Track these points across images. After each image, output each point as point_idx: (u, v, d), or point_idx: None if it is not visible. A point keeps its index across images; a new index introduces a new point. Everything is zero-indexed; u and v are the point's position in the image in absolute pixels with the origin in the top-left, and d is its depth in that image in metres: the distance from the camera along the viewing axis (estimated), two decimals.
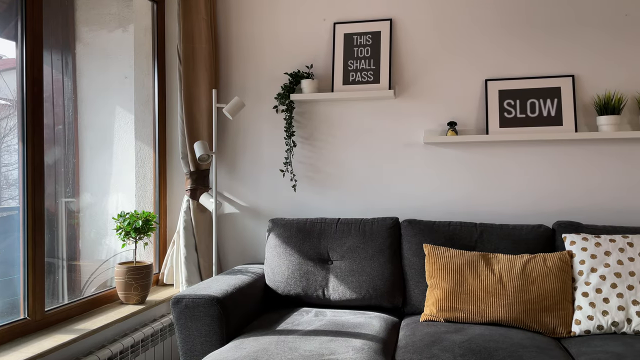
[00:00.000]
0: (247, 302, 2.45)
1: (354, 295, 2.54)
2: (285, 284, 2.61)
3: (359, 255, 2.57)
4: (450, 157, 2.87)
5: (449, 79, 2.88)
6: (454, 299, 2.33)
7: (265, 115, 3.09)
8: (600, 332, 2.18)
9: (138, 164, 2.99)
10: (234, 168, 3.13)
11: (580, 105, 2.74)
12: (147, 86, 3.06)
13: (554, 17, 2.76)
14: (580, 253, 2.32)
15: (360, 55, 2.93)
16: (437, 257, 2.43)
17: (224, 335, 2.21)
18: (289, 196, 3.06)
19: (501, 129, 2.76)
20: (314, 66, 3.03)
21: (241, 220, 3.12)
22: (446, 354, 1.96)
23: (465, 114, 2.85)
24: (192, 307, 2.21)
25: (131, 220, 2.56)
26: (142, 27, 3.03)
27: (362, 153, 2.97)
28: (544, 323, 2.24)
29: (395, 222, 2.66)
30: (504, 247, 2.50)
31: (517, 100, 2.77)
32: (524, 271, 2.31)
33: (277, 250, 2.67)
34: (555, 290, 2.26)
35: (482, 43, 2.84)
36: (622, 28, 2.70)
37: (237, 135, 3.13)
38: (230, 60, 3.14)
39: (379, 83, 2.88)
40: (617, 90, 2.70)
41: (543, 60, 2.78)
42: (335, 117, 3.01)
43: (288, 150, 3.01)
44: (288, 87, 2.95)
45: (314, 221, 2.72)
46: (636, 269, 2.21)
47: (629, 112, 2.68)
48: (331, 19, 3.01)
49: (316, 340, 2.08)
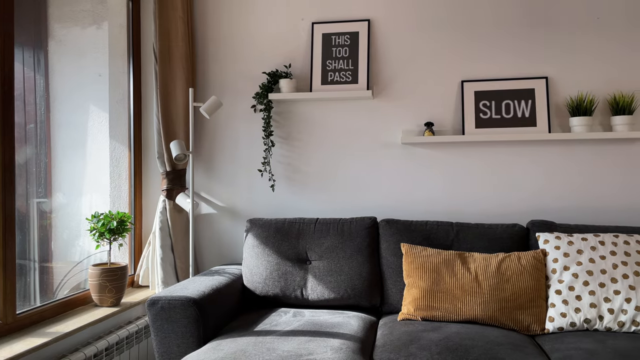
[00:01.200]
0: (225, 303, 2.43)
1: (333, 295, 2.54)
2: (264, 285, 2.60)
3: (338, 255, 2.58)
4: (427, 157, 2.90)
5: (426, 79, 2.90)
6: (431, 297, 2.35)
7: (243, 115, 3.07)
8: (573, 329, 2.22)
9: (113, 164, 2.94)
10: (211, 168, 3.10)
11: (554, 106, 2.79)
12: (122, 84, 3.01)
13: (529, 20, 2.81)
14: (554, 252, 2.37)
15: (339, 55, 2.93)
16: (414, 256, 2.45)
17: (201, 337, 2.18)
18: (267, 196, 3.04)
19: (477, 130, 2.80)
20: (293, 66, 3.02)
21: (218, 220, 3.09)
22: (423, 352, 1.98)
23: (442, 114, 2.88)
24: (169, 308, 2.18)
25: (105, 221, 2.52)
26: (116, 25, 2.97)
27: (341, 153, 2.98)
28: (518, 321, 2.28)
29: (373, 222, 2.67)
30: (479, 246, 2.53)
31: (493, 101, 2.81)
32: (499, 270, 2.34)
33: (255, 251, 2.66)
34: (530, 288, 2.30)
35: (458, 45, 2.87)
36: (594, 31, 2.76)
37: (214, 135, 3.10)
38: (207, 59, 3.11)
39: (357, 83, 2.89)
40: (589, 92, 2.76)
41: (518, 62, 2.82)
42: (313, 117, 3.01)
43: (266, 150, 2.99)
44: (266, 86, 2.94)
45: (293, 221, 2.71)
46: (607, 267, 2.26)
47: (601, 113, 2.75)
48: (309, 19, 3.01)
49: (294, 340, 2.08)
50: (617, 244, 2.32)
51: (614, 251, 2.29)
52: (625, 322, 2.16)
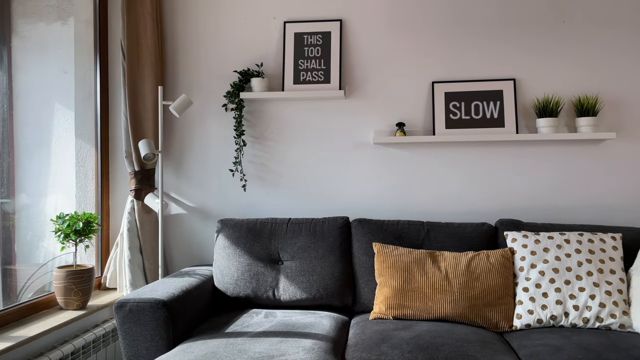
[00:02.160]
0: (195, 305, 2.40)
1: (305, 295, 2.54)
2: (235, 286, 2.58)
3: (310, 255, 2.57)
4: (399, 157, 2.92)
5: (397, 80, 2.92)
6: (402, 296, 2.37)
7: (213, 114, 3.03)
8: (540, 325, 2.27)
9: (78, 163, 2.87)
10: (181, 167, 3.06)
11: (521, 108, 2.85)
12: (88, 82, 2.94)
13: (498, 22, 2.86)
14: (521, 250, 2.42)
15: (311, 55, 2.93)
16: (386, 255, 2.46)
17: (170, 340, 2.15)
18: (238, 196, 3.02)
19: (447, 130, 2.83)
20: (265, 65, 3.00)
21: (189, 221, 3.05)
22: (395, 351, 1.99)
23: (413, 115, 2.91)
24: (137, 311, 2.14)
25: (71, 222, 2.45)
26: (83, 20, 2.90)
27: (313, 153, 2.98)
28: (487, 318, 2.31)
29: (345, 222, 2.67)
30: (449, 245, 2.56)
31: (462, 102, 2.85)
32: (468, 268, 2.37)
33: (226, 252, 2.63)
34: (498, 286, 2.34)
35: (429, 46, 2.91)
36: (560, 34, 2.83)
37: (184, 134, 3.06)
38: (177, 57, 3.06)
39: (330, 83, 2.89)
40: (555, 93, 2.83)
41: (487, 64, 2.87)
42: (286, 116, 2.99)
43: (238, 150, 2.97)
44: (238, 85, 2.91)
45: (265, 221, 2.69)
46: (572, 265, 2.32)
47: (566, 114, 2.82)
48: (281, 18, 3.00)
49: (266, 341, 2.06)
50: (581, 242, 2.38)
51: (579, 249, 2.36)
52: (589, 318, 2.22)
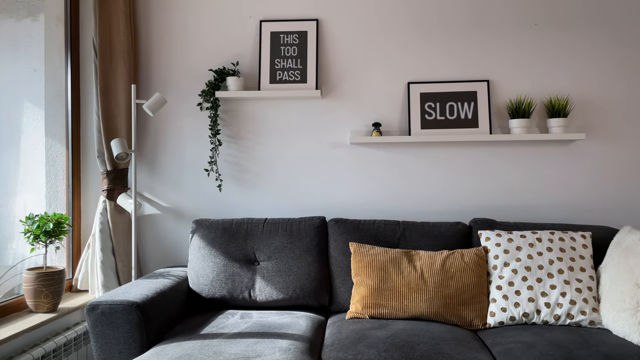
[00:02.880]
0: (170, 307, 2.37)
1: (281, 296, 2.53)
2: (210, 287, 2.55)
3: (286, 255, 2.56)
4: (375, 157, 2.93)
5: (374, 80, 2.94)
6: (379, 295, 2.38)
7: (188, 113, 3.00)
8: (512, 323, 2.31)
9: (49, 163, 2.80)
10: (154, 167, 3.01)
11: (495, 108, 2.89)
12: (59, 80, 2.87)
13: (472, 25, 2.90)
14: (495, 248, 2.45)
15: (287, 54, 2.92)
16: (362, 255, 2.47)
17: (144, 342, 2.11)
18: (214, 196, 2.99)
19: (422, 131, 2.86)
20: (240, 64, 2.98)
21: (163, 221, 3.01)
22: (371, 350, 2.00)
23: (389, 115, 2.93)
24: (109, 313, 2.10)
25: (41, 223, 2.39)
26: (53, 17, 2.83)
27: (290, 153, 2.97)
28: (462, 316, 2.34)
29: (322, 222, 2.67)
30: (425, 244, 2.58)
31: (437, 103, 2.87)
32: (443, 267, 2.40)
33: (201, 252, 2.60)
34: (472, 284, 2.37)
35: (405, 47, 2.93)
36: (532, 37, 2.88)
37: (158, 133, 3.01)
38: (151, 55, 3.01)
39: (306, 83, 2.89)
40: (527, 95, 2.88)
41: (461, 65, 2.91)
42: (262, 115, 2.98)
43: (213, 149, 2.94)
44: (213, 84, 2.89)
45: (240, 222, 2.68)
46: (544, 263, 2.37)
47: (538, 115, 2.87)
48: (257, 17, 2.98)
49: (242, 342, 2.05)
50: (553, 241, 2.43)
51: (550, 247, 2.40)
52: (560, 316, 2.27)
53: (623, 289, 2.14)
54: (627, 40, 2.84)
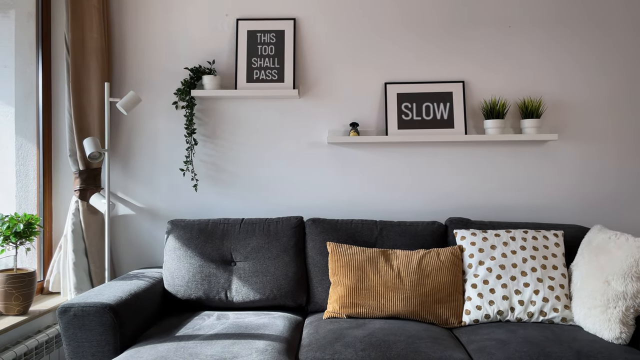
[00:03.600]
0: (144, 309, 2.33)
1: (258, 296, 2.51)
2: (186, 288, 2.52)
3: (263, 256, 2.55)
4: (352, 157, 2.94)
5: (351, 80, 2.94)
6: (356, 295, 2.38)
7: (163, 111, 2.96)
8: (487, 320, 2.34)
9: (19, 162, 2.73)
10: (128, 167, 2.96)
11: (470, 109, 2.93)
12: (29, 77, 2.81)
13: (447, 26, 2.93)
14: (470, 247, 2.48)
15: (264, 53, 2.91)
16: (339, 254, 2.47)
17: (118, 345, 2.08)
18: (189, 196, 2.95)
19: (399, 131, 2.88)
20: (217, 62, 2.95)
21: (137, 222, 2.96)
22: (348, 349, 2.00)
23: (366, 115, 2.94)
24: (82, 316, 2.06)
25: (11, 224, 2.34)
26: (24, 13, 2.76)
27: (267, 152, 2.95)
28: (438, 314, 2.36)
29: (299, 222, 2.67)
30: (402, 243, 2.60)
31: (414, 103, 2.90)
32: (419, 266, 2.42)
33: (176, 253, 2.57)
34: (448, 282, 2.39)
35: (382, 47, 2.94)
36: (506, 39, 2.92)
37: (132, 132, 2.96)
38: (125, 52, 2.96)
39: (284, 82, 2.88)
40: (502, 96, 2.92)
41: (437, 66, 2.93)
42: (238, 115, 2.96)
43: (189, 149, 2.90)
44: (189, 82, 2.85)
45: (217, 222, 2.65)
46: (518, 261, 2.41)
47: (512, 116, 2.92)
48: (234, 15, 2.96)
49: (218, 344, 2.03)
50: (526, 239, 2.47)
51: (524, 246, 2.44)
52: (534, 313, 2.31)
53: (594, 286, 2.19)
54: (597, 43, 2.90)
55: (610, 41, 2.90)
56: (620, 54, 2.90)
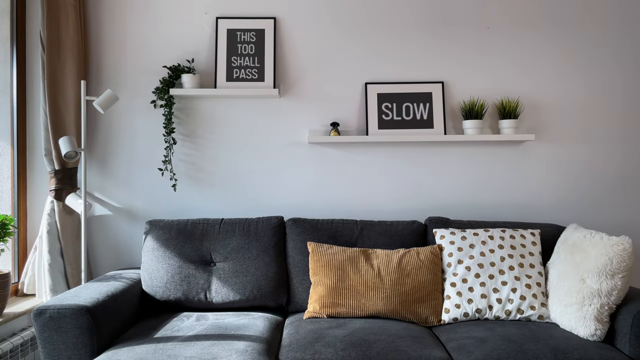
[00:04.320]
0: (122, 310, 2.30)
1: (238, 297, 2.50)
2: (164, 289, 2.49)
3: (243, 256, 2.54)
4: (333, 157, 2.94)
5: (332, 80, 2.94)
6: (336, 294, 2.39)
7: (141, 110, 2.92)
8: (466, 319, 2.37)
9: None
10: (106, 166, 2.92)
11: (449, 109, 2.96)
12: (3, 75, 2.75)
13: (427, 27, 2.95)
14: (449, 246, 2.51)
15: (245, 52, 2.89)
16: (320, 254, 2.47)
17: (95, 348, 2.05)
18: (168, 196, 2.92)
19: (379, 131, 2.89)
20: (196, 61, 2.92)
21: (114, 222, 2.92)
22: (328, 349, 2.00)
23: (347, 115, 2.94)
24: (58, 318, 2.02)
25: None
26: None
27: (247, 152, 2.94)
28: (417, 313, 2.38)
29: (280, 221, 2.66)
30: (382, 243, 2.61)
31: (394, 103, 2.91)
32: (399, 265, 2.43)
33: (155, 254, 2.54)
34: (428, 281, 2.41)
35: (362, 47, 2.95)
36: (485, 40, 2.96)
37: (109, 131, 2.92)
38: (102, 50, 2.92)
39: (264, 81, 2.87)
40: (480, 97, 2.95)
41: (417, 67, 2.95)
42: (218, 114, 2.93)
43: (167, 148, 2.87)
44: (167, 81, 2.82)
45: (196, 222, 2.63)
46: (496, 260, 2.44)
47: (490, 117, 2.95)
48: (213, 13, 2.93)
49: (197, 345, 2.01)
50: (504, 238, 2.50)
51: (502, 245, 2.48)
52: (511, 311, 2.34)
53: (570, 284, 2.23)
54: (572, 44, 2.96)
55: (584, 42, 2.95)
56: (594, 55, 2.96)
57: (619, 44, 2.95)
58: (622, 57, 2.96)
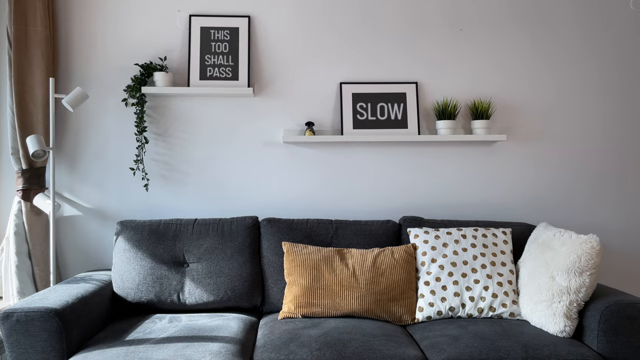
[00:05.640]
0: (92, 313, 2.25)
1: (212, 298, 2.47)
2: (136, 291, 2.45)
3: (217, 257, 2.51)
4: (308, 157, 2.94)
5: (307, 80, 2.94)
6: (311, 294, 2.38)
7: (112, 109, 2.87)
8: (439, 317, 2.39)
9: None
10: (75, 166, 2.85)
11: (423, 110, 2.98)
12: None
13: (402, 28, 2.97)
14: (423, 245, 2.53)
15: (218, 50, 2.86)
16: (295, 254, 2.47)
17: (64, 351, 2.00)
18: (140, 196, 2.87)
19: (354, 130, 2.90)
20: (169, 58, 2.88)
21: (84, 223, 2.86)
22: (303, 349, 2.00)
23: (322, 114, 2.94)
24: (26, 321, 1.97)
25: None
26: None
27: (221, 151, 2.91)
28: (392, 312, 2.40)
29: (254, 221, 2.64)
30: (357, 242, 2.62)
31: (369, 103, 2.92)
32: (374, 264, 2.44)
33: (126, 255, 2.49)
34: (402, 280, 2.43)
35: (337, 47, 2.95)
36: (458, 41, 3.00)
37: (79, 130, 2.86)
38: (71, 47, 2.85)
39: (238, 80, 2.84)
40: (453, 97, 2.99)
41: (391, 67, 2.97)
42: (192, 113, 2.90)
43: (139, 147, 2.82)
44: (139, 79, 2.78)
45: (169, 222, 2.59)
46: (468, 258, 2.47)
47: (463, 117, 2.99)
48: (187, 11, 2.90)
49: (170, 347, 1.98)
50: (476, 237, 2.54)
51: (474, 244, 2.51)
52: (484, 309, 2.38)
53: (540, 281, 2.27)
54: (543, 45, 3.01)
55: (556, 43, 3.02)
56: (565, 55, 3.02)
57: (591, 44, 3.02)
58: (594, 58, 3.03)
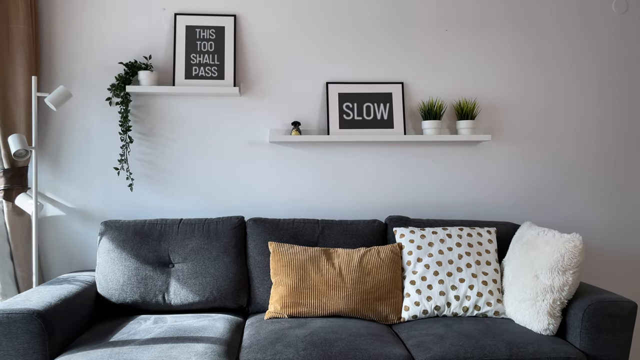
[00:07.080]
0: (76, 314, 2.23)
1: (197, 299, 2.46)
2: (121, 291, 2.43)
3: (203, 257, 2.50)
4: (294, 156, 2.93)
5: (293, 79, 2.94)
6: (298, 294, 2.38)
7: (96, 108, 2.83)
8: (425, 316, 2.41)
9: None
10: (58, 165, 2.82)
11: (409, 110, 3.00)
12: None
13: (388, 28, 2.98)
14: (408, 245, 2.54)
15: (204, 49, 2.84)
16: (281, 254, 2.46)
17: (47, 354, 1.98)
18: (124, 196, 2.85)
19: (341, 130, 2.90)
20: (154, 57, 2.86)
21: (68, 223, 2.82)
22: (289, 349, 2.00)
23: (308, 114, 2.94)
24: (8, 323, 1.94)
25: None
26: None
27: (207, 151, 2.89)
28: (378, 311, 2.41)
29: (240, 221, 2.63)
30: (343, 242, 2.63)
31: (355, 103, 2.93)
32: (360, 264, 2.45)
33: (110, 256, 2.47)
34: (388, 280, 2.44)
35: (324, 47, 2.95)
36: (443, 42, 3.01)
37: (62, 129, 2.82)
38: (54, 45, 2.81)
39: (224, 79, 2.83)
40: (439, 97, 3.01)
41: (377, 67, 2.98)
42: (177, 112, 2.88)
43: (124, 147, 2.80)
44: (123, 77, 2.75)
45: (154, 222, 2.57)
46: (454, 258, 2.49)
47: (448, 117, 3.01)
48: (172, 9, 2.88)
49: (155, 348, 1.97)
50: (462, 237, 2.56)
51: (460, 243, 2.53)
52: (469, 307, 2.40)
53: (524, 280, 2.30)
54: (528, 46, 3.05)
55: (540, 44, 3.05)
56: (550, 57, 3.06)
57: (574, 45, 3.06)
58: (577, 58, 3.06)
